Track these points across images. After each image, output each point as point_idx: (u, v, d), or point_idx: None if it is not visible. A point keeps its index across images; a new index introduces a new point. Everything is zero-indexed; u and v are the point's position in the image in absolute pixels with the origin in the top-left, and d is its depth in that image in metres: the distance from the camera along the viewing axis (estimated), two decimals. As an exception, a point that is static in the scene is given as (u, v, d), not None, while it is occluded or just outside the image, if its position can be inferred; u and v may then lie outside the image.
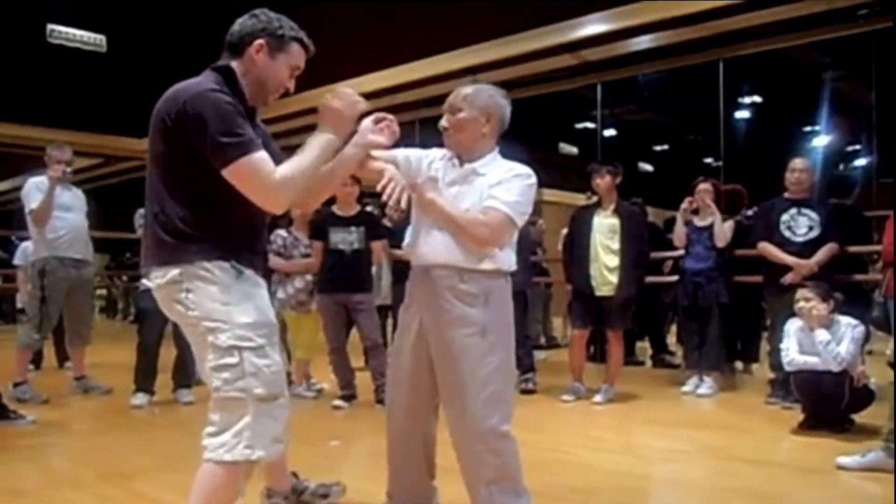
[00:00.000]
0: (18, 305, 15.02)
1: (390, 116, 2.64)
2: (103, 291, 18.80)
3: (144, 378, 5.79)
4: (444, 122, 2.82)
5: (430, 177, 2.72)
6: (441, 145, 2.90)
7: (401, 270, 6.77)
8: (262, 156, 2.24)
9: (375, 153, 2.73)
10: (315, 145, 2.36)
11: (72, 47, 12.37)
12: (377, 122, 2.60)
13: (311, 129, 2.47)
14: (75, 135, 11.61)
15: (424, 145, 2.97)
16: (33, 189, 5.91)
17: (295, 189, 2.31)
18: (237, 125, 2.21)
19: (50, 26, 12.12)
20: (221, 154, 2.19)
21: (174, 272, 2.26)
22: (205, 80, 2.30)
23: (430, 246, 2.76)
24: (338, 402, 5.65)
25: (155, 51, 12.14)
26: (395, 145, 2.74)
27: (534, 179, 2.79)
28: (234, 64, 2.38)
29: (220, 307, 2.25)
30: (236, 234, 2.32)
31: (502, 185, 2.71)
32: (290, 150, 2.40)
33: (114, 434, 5.01)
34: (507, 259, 2.82)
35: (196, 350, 2.38)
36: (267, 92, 2.42)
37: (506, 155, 2.88)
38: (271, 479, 3.01)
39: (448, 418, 2.76)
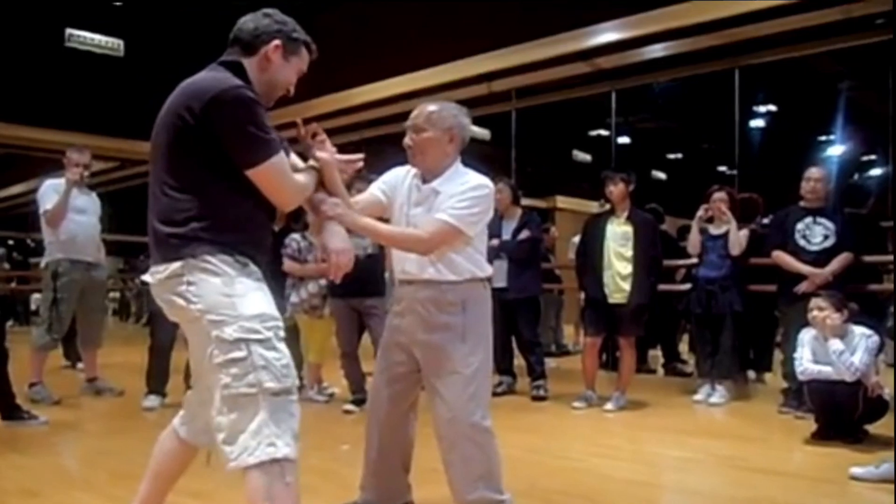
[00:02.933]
0: (32, 307, 15.18)
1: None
2: (116, 294, 18.92)
3: (156, 380, 5.82)
4: (407, 141, 2.93)
5: (332, 201, 2.62)
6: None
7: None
8: (284, 157, 2.28)
9: (358, 197, 2.95)
10: (308, 173, 2.48)
11: (89, 51, 12.46)
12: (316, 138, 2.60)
13: (331, 132, 2.50)
14: (91, 138, 11.67)
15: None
16: (49, 190, 5.96)
17: (302, 198, 2.44)
18: (266, 125, 2.21)
19: (68, 31, 12.23)
20: (251, 153, 2.19)
21: (175, 266, 2.20)
22: (226, 76, 2.26)
23: (409, 262, 2.92)
24: (348, 407, 5.65)
25: (171, 55, 12.20)
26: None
27: (486, 190, 2.90)
28: (245, 61, 2.35)
29: (225, 299, 2.17)
30: (241, 229, 2.28)
31: (454, 198, 2.83)
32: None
33: (125, 436, 5.02)
34: (480, 266, 2.96)
35: (197, 350, 2.27)
36: (275, 93, 2.41)
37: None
38: None
39: (434, 416, 2.91)
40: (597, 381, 6.14)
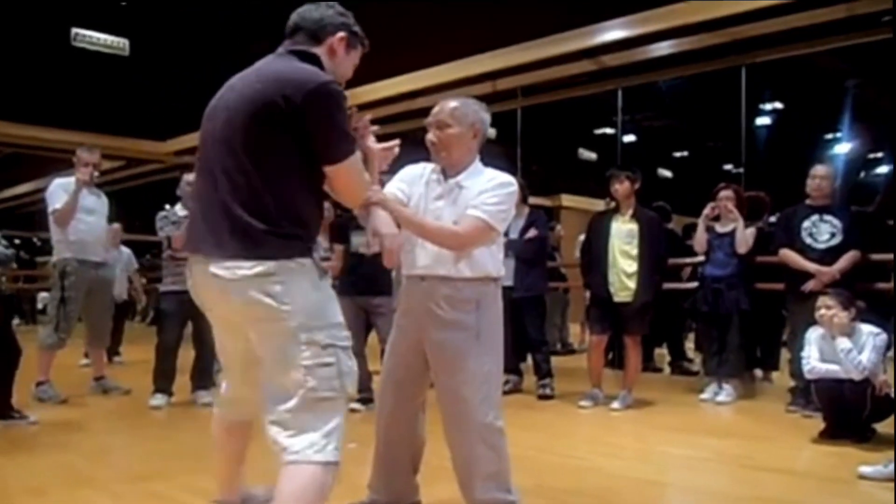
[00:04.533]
0: (39, 306, 15.22)
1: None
2: (127, 296, 18.93)
3: (163, 379, 5.83)
4: (431, 138, 2.92)
5: (375, 188, 2.66)
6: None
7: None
8: (359, 155, 2.30)
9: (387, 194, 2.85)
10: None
11: (95, 51, 12.48)
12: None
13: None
14: (98, 137, 11.71)
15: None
16: (58, 189, 5.97)
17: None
18: (348, 122, 2.23)
19: (74, 30, 12.24)
20: (337, 149, 2.19)
21: (269, 264, 2.14)
22: (317, 70, 2.23)
23: (423, 257, 2.88)
24: (355, 405, 5.63)
25: (177, 55, 12.24)
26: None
27: (514, 187, 2.91)
28: (317, 51, 2.32)
29: (316, 304, 2.21)
30: (315, 230, 2.31)
31: (483, 194, 2.82)
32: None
33: (132, 434, 5.04)
34: (496, 265, 2.94)
35: (268, 348, 2.23)
36: None
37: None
38: (222, 490, 2.82)
39: (447, 416, 2.88)
40: (603, 380, 6.13)
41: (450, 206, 2.87)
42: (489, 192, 2.83)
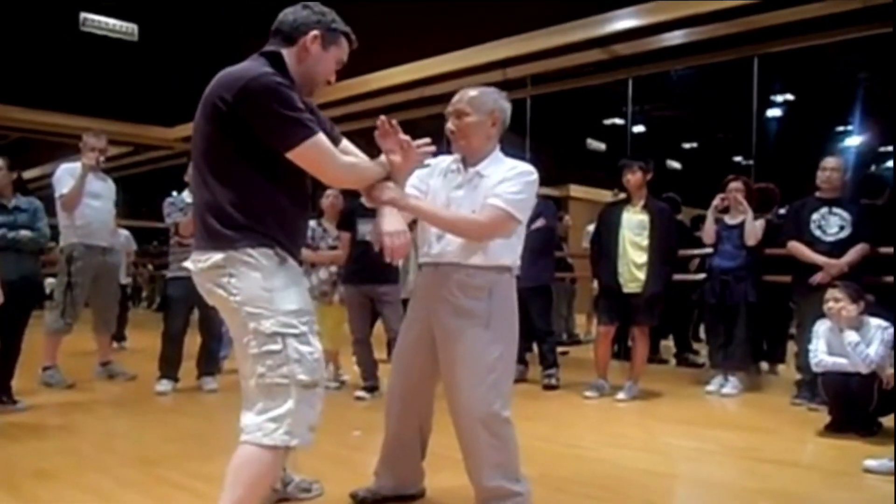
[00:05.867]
0: (45, 291, 15.27)
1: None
2: (129, 279, 18.99)
3: (169, 365, 5.85)
4: (450, 126, 2.92)
5: (383, 185, 2.63)
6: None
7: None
8: (323, 137, 2.32)
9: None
10: (376, 164, 2.57)
11: (104, 36, 12.48)
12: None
13: (340, 119, 2.49)
14: (105, 123, 11.74)
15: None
16: (65, 175, 5.98)
17: (353, 177, 2.56)
18: (299, 108, 2.27)
19: (83, 15, 12.24)
20: (289, 136, 2.24)
21: (218, 256, 2.27)
22: (259, 65, 2.32)
23: (440, 245, 2.88)
24: (360, 393, 5.66)
25: (186, 40, 12.23)
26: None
27: (535, 176, 2.89)
28: (285, 52, 2.41)
29: (264, 293, 2.26)
30: (280, 221, 2.33)
31: (504, 183, 2.81)
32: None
33: (138, 420, 5.06)
34: (512, 255, 2.91)
35: (234, 336, 2.37)
36: (314, 83, 2.48)
37: (514, 152, 2.97)
38: None
39: (452, 405, 2.87)
40: (609, 371, 6.12)
41: (469, 196, 2.86)
42: (510, 180, 2.81)
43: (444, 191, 2.92)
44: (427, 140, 2.68)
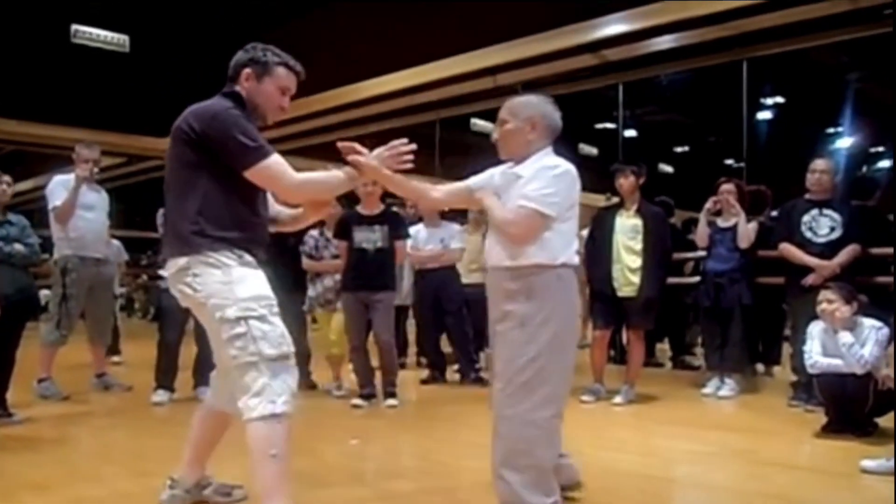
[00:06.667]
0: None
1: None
2: (123, 290, 18.95)
3: (165, 375, 5.83)
4: (494, 135, 3.05)
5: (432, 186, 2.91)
6: (460, 144, 2.99)
7: (420, 271, 6.82)
8: (279, 158, 2.70)
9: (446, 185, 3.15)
10: (333, 176, 2.86)
11: (95, 47, 12.48)
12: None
13: (333, 126, 2.51)
14: (98, 134, 11.69)
15: (444, 144, 3.04)
16: (58, 186, 5.96)
17: (306, 190, 2.87)
18: (255, 135, 2.68)
19: (74, 27, 12.24)
20: (247, 158, 2.65)
21: (182, 261, 2.67)
22: (222, 102, 2.76)
23: (488, 249, 3.00)
24: (357, 402, 5.64)
25: (177, 51, 12.24)
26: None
27: (562, 169, 2.91)
28: (238, 89, 2.83)
29: (224, 287, 2.63)
30: (239, 228, 2.72)
31: (532, 182, 2.85)
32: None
33: (134, 431, 5.04)
34: (550, 253, 2.85)
35: (209, 330, 2.74)
36: (262, 111, 2.84)
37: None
38: (182, 468, 3.12)
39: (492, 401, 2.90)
40: (605, 375, 6.12)
41: (505, 197, 2.92)
42: (536, 178, 2.85)
43: (496, 195, 2.99)
44: (404, 140, 2.89)
